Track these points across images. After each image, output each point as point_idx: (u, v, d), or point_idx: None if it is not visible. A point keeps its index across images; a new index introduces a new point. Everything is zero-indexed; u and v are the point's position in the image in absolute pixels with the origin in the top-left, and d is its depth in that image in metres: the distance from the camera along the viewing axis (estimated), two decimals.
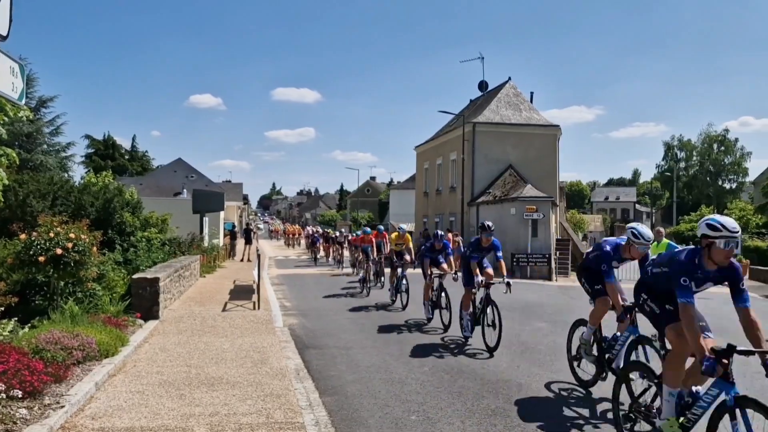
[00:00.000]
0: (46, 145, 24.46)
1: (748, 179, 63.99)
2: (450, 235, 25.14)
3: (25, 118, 8.45)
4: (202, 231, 24.21)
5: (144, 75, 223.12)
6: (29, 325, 7.64)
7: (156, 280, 10.03)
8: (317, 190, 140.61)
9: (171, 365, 6.99)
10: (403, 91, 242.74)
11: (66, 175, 23.03)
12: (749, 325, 3.94)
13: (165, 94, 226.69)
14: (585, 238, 48.69)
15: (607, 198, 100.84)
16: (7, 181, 8.39)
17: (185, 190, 37.88)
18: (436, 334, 9.47)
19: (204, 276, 18.07)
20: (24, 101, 5.28)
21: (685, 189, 68.88)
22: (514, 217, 26.53)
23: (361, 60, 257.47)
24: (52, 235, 8.09)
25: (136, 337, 8.26)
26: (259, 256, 15.06)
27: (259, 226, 73.23)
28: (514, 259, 24.09)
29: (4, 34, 4.55)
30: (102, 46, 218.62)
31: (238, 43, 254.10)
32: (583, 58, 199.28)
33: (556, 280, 23.36)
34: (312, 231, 33.52)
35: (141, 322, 9.40)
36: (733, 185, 65.55)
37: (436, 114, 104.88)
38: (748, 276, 26.08)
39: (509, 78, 34.45)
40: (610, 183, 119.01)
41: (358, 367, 7.25)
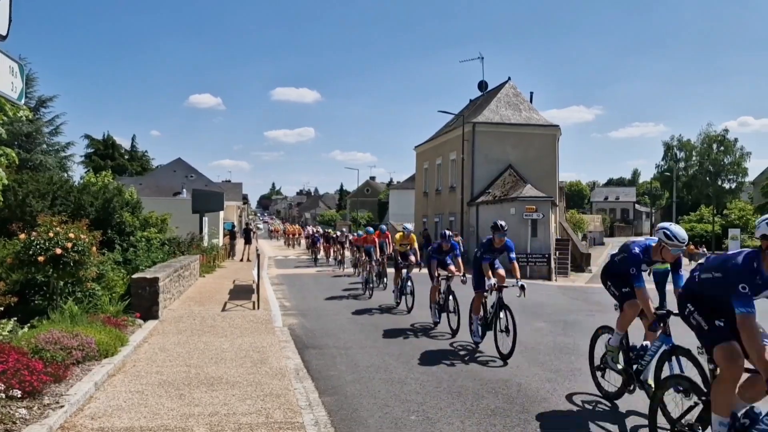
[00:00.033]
0: (45, 145, 24.44)
1: (747, 179, 64.05)
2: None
3: (24, 118, 8.44)
4: (201, 231, 24.21)
5: (144, 75, 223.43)
6: (29, 324, 7.64)
7: (155, 280, 10.02)
8: (317, 190, 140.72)
9: (170, 365, 6.99)
10: (403, 91, 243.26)
11: (65, 174, 23.02)
12: None
13: (164, 93, 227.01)
14: (584, 238, 48.67)
15: (606, 198, 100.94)
16: (6, 181, 8.39)
17: (185, 190, 37.91)
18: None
19: (203, 276, 18.07)
20: (23, 101, 5.27)
21: (685, 189, 68.91)
22: (514, 217, 26.54)
23: (361, 60, 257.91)
24: (51, 234, 8.09)
25: (135, 337, 8.26)
26: (258, 256, 15.05)
27: (258, 225, 73.30)
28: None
29: (4, 33, 4.55)
30: (102, 46, 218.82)
31: (238, 42, 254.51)
32: (583, 58, 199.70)
33: (556, 280, 23.38)
34: (312, 231, 33.48)
35: (140, 322, 9.40)
36: (733, 185, 65.55)
37: (435, 114, 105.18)
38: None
39: (509, 78, 34.51)
40: (610, 183, 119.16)
41: (358, 367, 7.25)
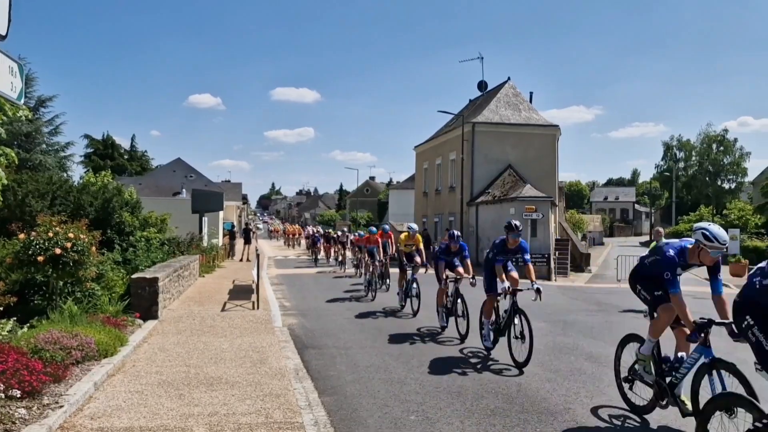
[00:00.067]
0: (45, 145, 24.41)
1: (747, 179, 64.00)
2: None
3: (24, 118, 8.44)
4: (201, 231, 24.21)
5: (143, 75, 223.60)
6: (28, 324, 7.64)
7: (155, 280, 10.02)
8: (316, 190, 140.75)
9: (170, 365, 6.99)
10: (403, 91, 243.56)
11: (65, 174, 22.99)
12: None
13: (164, 93, 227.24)
14: (584, 238, 48.67)
15: (606, 198, 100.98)
16: (6, 181, 8.38)
17: (184, 190, 37.93)
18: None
19: (203, 276, 18.07)
20: (23, 101, 5.27)
21: (684, 189, 68.93)
22: (513, 217, 26.48)
23: (361, 60, 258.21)
24: (51, 234, 8.08)
25: (135, 337, 8.26)
26: (258, 256, 15.04)
27: (258, 225, 73.29)
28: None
29: (3, 33, 4.55)
30: (101, 45, 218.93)
31: (238, 42, 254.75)
32: (583, 58, 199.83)
33: (556, 280, 23.37)
34: (313, 231, 33.43)
35: (140, 321, 9.40)
36: (732, 185, 65.55)
37: (435, 114, 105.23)
38: (747, 276, 26.04)
39: (508, 78, 34.51)
40: (610, 183, 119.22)
41: (358, 367, 7.24)
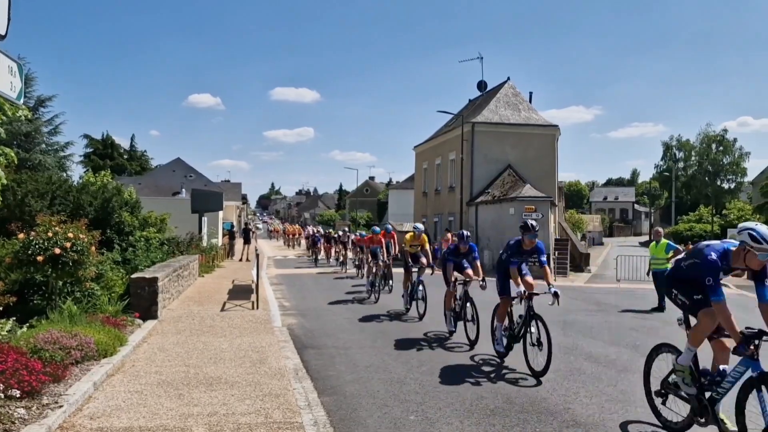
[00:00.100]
0: (44, 145, 24.41)
1: (746, 179, 64.00)
2: (449, 235, 25.17)
3: (23, 118, 8.44)
4: (200, 231, 24.19)
5: (143, 74, 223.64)
6: (27, 324, 7.64)
7: (154, 280, 10.02)
8: (316, 190, 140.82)
9: (169, 365, 6.99)
10: (403, 91, 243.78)
11: (64, 174, 22.98)
12: None
13: (164, 93, 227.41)
14: (584, 238, 48.70)
15: (605, 198, 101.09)
16: (5, 181, 8.38)
17: (184, 190, 37.93)
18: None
19: (203, 276, 18.06)
20: (22, 100, 5.26)
21: (684, 189, 68.91)
22: (513, 217, 26.52)
23: (361, 60, 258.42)
24: (50, 234, 8.08)
25: (134, 337, 8.25)
26: (257, 256, 15.03)
27: (257, 225, 73.31)
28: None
29: (3, 33, 4.54)
30: (101, 45, 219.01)
31: (237, 42, 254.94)
32: (583, 58, 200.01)
33: (555, 280, 23.35)
34: (313, 231, 33.41)
35: (139, 321, 9.40)
36: (732, 185, 65.50)
37: (435, 114, 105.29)
38: (746, 276, 26.05)
39: (508, 78, 34.54)
40: (609, 183, 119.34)
41: (357, 367, 7.24)
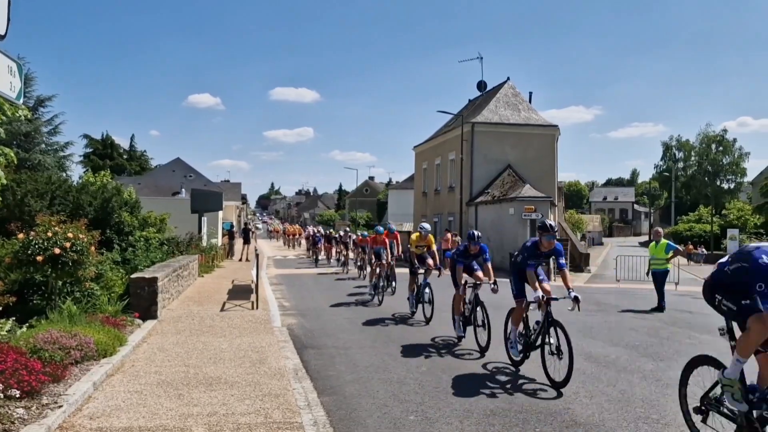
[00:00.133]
0: (44, 145, 24.42)
1: (746, 179, 64.12)
2: (449, 235, 25.19)
3: (23, 118, 8.42)
4: (200, 231, 24.18)
5: (143, 74, 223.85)
6: (27, 324, 7.63)
7: (154, 280, 10.01)
8: (316, 190, 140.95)
9: (169, 365, 6.98)
10: (403, 91, 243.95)
11: (64, 174, 22.99)
12: None
13: (164, 93, 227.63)
14: (583, 238, 48.74)
15: (605, 198, 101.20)
16: (5, 181, 8.37)
17: (184, 190, 37.91)
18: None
19: (202, 276, 18.06)
20: (22, 100, 5.26)
21: (684, 189, 69.01)
22: (513, 217, 26.56)
23: (361, 60, 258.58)
24: (50, 234, 8.07)
25: (134, 337, 8.25)
26: (257, 256, 15.02)
27: (257, 225, 73.37)
28: (513, 259, 24.23)
29: (2, 33, 4.54)
30: (101, 45, 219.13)
31: (237, 42, 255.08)
32: (582, 58, 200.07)
33: (555, 280, 23.37)
34: (313, 231, 33.41)
35: (139, 321, 9.39)
36: (732, 185, 65.61)
37: (435, 114, 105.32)
38: None
39: (508, 78, 34.58)
40: (609, 183, 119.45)
41: (357, 367, 7.24)
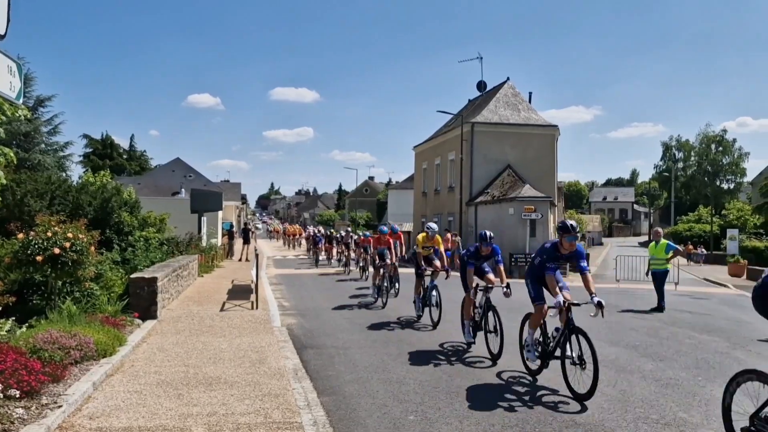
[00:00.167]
0: (43, 145, 24.42)
1: (746, 179, 64.06)
2: (449, 235, 25.16)
3: (22, 118, 8.42)
4: (200, 231, 24.17)
5: (143, 74, 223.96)
6: (27, 324, 7.63)
7: (154, 280, 10.01)
8: (315, 190, 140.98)
9: (169, 365, 6.98)
10: (403, 91, 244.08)
11: (64, 174, 22.99)
12: None
13: (163, 93, 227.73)
14: (583, 238, 48.73)
15: (605, 198, 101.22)
16: (4, 181, 8.36)
17: (183, 190, 37.88)
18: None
19: (202, 276, 18.05)
20: (22, 100, 5.26)
21: (683, 189, 68.95)
22: (513, 217, 26.59)
23: (361, 60, 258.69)
24: (49, 234, 8.08)
25: (134, 337, 8.25)
26: (257, 256, 15.01)
27: (257, 225, 73.37)
28: (513, 259, 24.35)
29: (2, 33, 4.54)
30: (101, 45, 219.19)
31: (237, 42, 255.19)
32: (582, 59, 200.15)
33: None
34: (314, 231, 33.38)
35: (139, 321, 9.40)
36: (731, 185, 65.52)
37: (434, 114, 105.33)
38: (745, 276, 26.08)
39: (508, 78, 34.59)
40: (609, 183, 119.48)
41: (357, 367, 7.24)
